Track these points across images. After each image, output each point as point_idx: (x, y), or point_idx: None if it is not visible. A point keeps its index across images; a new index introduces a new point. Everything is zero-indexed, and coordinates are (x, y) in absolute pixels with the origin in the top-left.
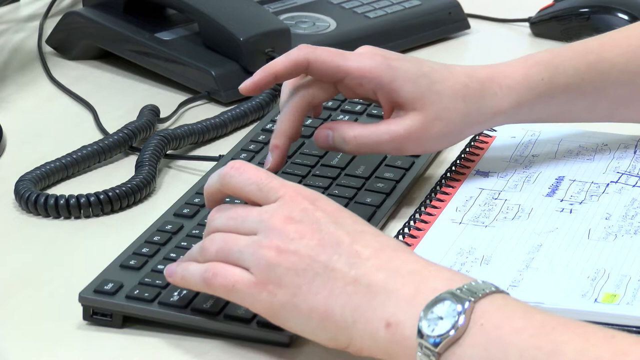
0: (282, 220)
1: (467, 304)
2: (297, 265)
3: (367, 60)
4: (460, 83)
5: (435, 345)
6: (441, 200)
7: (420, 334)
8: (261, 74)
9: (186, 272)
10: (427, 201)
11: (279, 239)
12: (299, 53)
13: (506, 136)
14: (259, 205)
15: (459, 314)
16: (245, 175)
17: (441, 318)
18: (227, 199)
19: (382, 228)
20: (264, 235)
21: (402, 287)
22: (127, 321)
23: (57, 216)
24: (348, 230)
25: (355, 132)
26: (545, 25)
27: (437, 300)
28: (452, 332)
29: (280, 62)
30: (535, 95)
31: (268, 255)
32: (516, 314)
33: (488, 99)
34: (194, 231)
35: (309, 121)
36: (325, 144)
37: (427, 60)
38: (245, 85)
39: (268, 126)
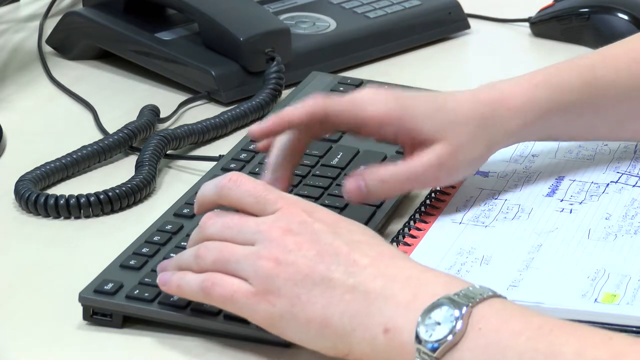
0: (280, 232)
1: (464, 309)
2: (296, 275)
3: (382, 105)
4: (472, 110)
5: (433, 350)
6: (441, 200)
7: (418, 339)
8: (274, 120)
9: (182, 281)
10: (427, 201)
11: (278, 250)
12: (316, 104)
13: None
14: (256, 216)
15: (457, 319)
16: (243, 187)
17: (439, 323)
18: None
19: (382, 228)
20: (263, 246)
21: (400, 292)
22: (127, 321)
23: (57, 216)
24: (346, 240)
25: (390, 171)
26: (545, 25)
27: (435, 305)
28: (449, 337)
29: (296, 112)
30: (539, 115)
31: (267, 266)
32: (514, 317)
33: (498, 122)
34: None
35: None
36: (358, 195)
37: (433, 91)
38: (255, 131)
39: None
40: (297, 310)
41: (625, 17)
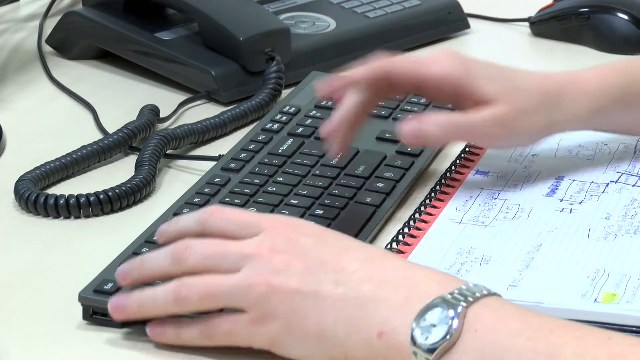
0: (267, 253)
1: (460, 308)
2: (287, 294)
3: (446, 65)
4: (538, 84)
5: (431, 352)
6: (441, 200)
7: (414, 342)
8: (340, 81)
9: (182, 331)
10: (427, 201)
11: (267, 272)
12: (380, 65)
13: None
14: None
15: (452, 319)
16: (225, 217)
17: (434, 325)
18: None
19: (382, 229)
20: (252, 270)
21: (392, 294)
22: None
23: (57, 216)
24: (333, 249)
25: (448, 117)
26: (545, 25)
27: (429, 307)
28: (447, 339)
29: (360, 73)
30: (612, 102)
31: (258, 290)
32: (512, 317)
33: (567, 102)
34: None
35: (308, 121)
36: (413, 138)
37: (504, 65)
38: (322, 87)
39: (268, 126)
40: (293, 327)
41: (625, 17)
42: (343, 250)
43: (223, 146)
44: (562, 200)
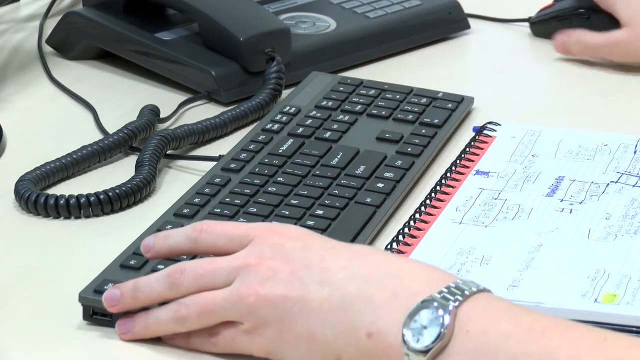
0: (254, 262)
1: (450, 307)
2: (276, 300)
3: None
4: None
5: (424, 353)
6: (441, 200)
7: (405, 344)
8: None
9: (191, 340)
10: (427, 201)
11: (255, 281)
12: None
13: (506, 136)
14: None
15: (443, 318)
16: (215, 232)
17: (425, 327)
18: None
19: (382, 228)
20: (241, 282)
21: (377, 292)
22: None
23: (57, 216)
24: (317, 250)
25: (582, 34)
26: (545, 25)
27: (418, 308)
28: (440, 338)
29: None
30: None
31: (248, 301)
32: (502, 317)
33: None
34: None
35: (308, 121)
36: (561, 46)
37: None
38: None
39: (268, 126)
40: (285, 333)
41: None
42: (327, 251)
43: (223, 146)
44: (562, 200)
